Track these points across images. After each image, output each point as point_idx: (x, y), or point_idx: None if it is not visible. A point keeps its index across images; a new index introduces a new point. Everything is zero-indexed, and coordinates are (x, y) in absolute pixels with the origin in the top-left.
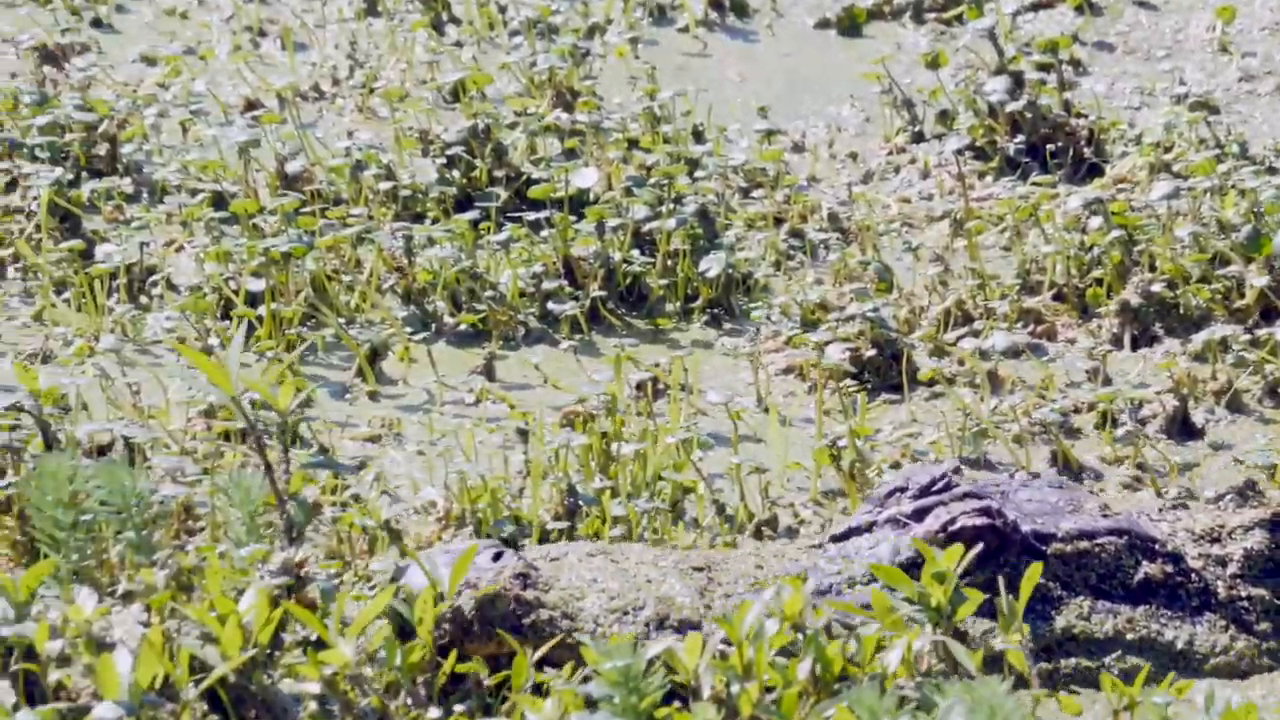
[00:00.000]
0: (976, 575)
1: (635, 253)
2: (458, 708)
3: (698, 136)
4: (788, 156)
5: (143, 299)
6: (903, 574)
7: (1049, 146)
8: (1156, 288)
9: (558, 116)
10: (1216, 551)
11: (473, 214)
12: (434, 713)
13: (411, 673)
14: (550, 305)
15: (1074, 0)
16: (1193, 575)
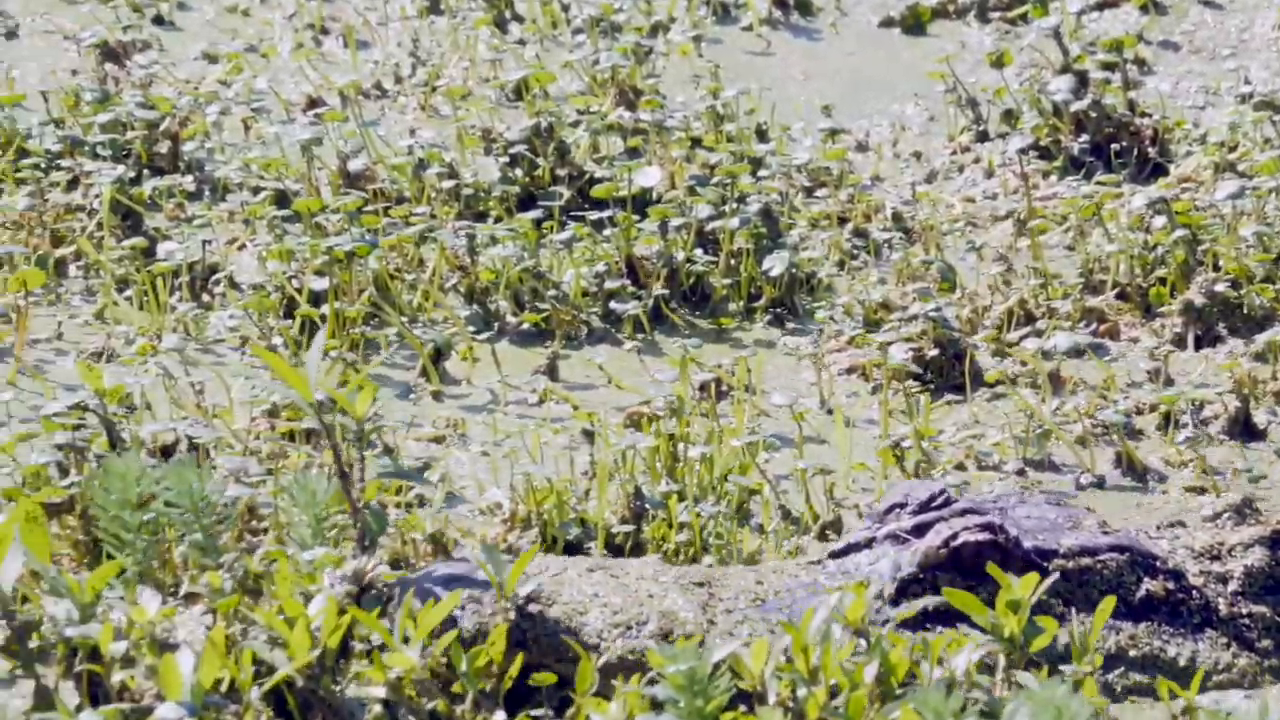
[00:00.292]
0: (979, 591)
1: (698, 252)
2: (532, 712)
3: (761, 135)
4: (851, 155)
5: (205, 297)
6: (976, 600)
7: (1113, 146)
8: (1220, 287)
9: (621, 115)
10: (1217, 569)
11: (536, 213)
12: (500, 716)
13: (477, 678)
14: (613, 305)
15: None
16: (1194, 592)
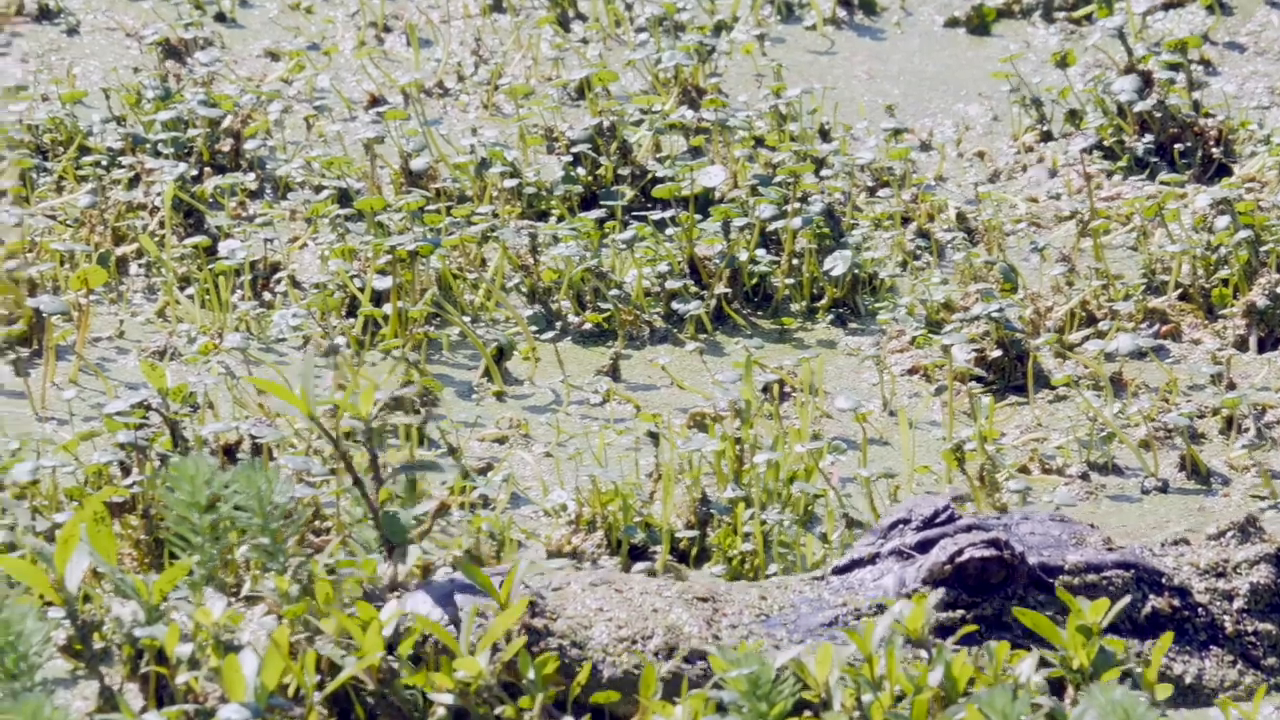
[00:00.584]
0: (983, 606)
1: (761, 252)
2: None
3: (824, 135)
4: (915, 155)
5: (266, 296)
6: (1047, 620)
7: (1177, 146)
8: None
9: (683, 114)
10: (1222, 586)
11: (598, 212)
12: None
13: (545, 685)
14: (675, 305)
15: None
16: (1199, 610)
